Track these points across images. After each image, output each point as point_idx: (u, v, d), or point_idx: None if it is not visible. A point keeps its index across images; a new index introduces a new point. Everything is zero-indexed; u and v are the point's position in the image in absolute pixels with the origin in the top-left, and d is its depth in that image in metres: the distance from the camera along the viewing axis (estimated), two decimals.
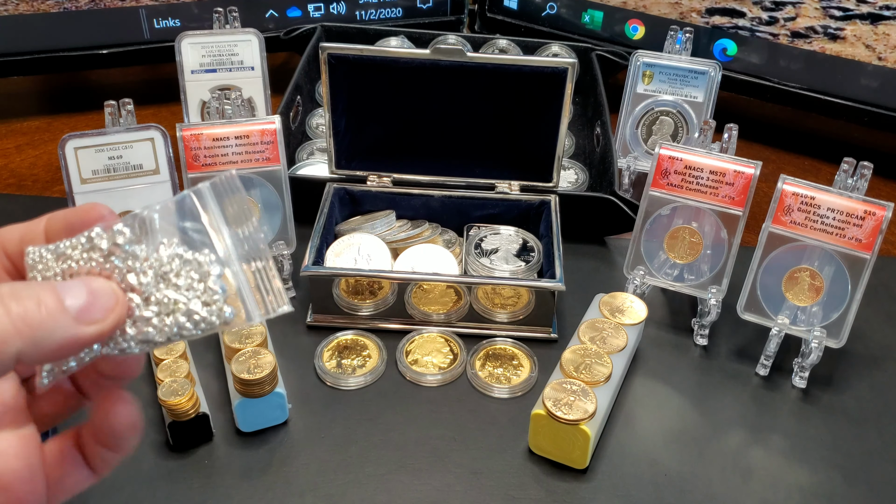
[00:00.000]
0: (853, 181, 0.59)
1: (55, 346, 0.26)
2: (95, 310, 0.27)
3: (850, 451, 0.57)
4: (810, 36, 0.87)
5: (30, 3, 0.89)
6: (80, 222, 0.30)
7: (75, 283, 0.27)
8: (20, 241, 0.30)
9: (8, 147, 0.91)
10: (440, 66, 0.69)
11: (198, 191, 0.29)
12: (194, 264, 0.28)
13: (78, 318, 0.27)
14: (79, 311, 0.27)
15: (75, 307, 0.27)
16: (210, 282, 0.28)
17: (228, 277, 0.28)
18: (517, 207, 0.73)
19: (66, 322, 0.26)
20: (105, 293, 0.28)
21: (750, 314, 0.63)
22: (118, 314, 0.28)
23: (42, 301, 0.26)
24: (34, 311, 0.26)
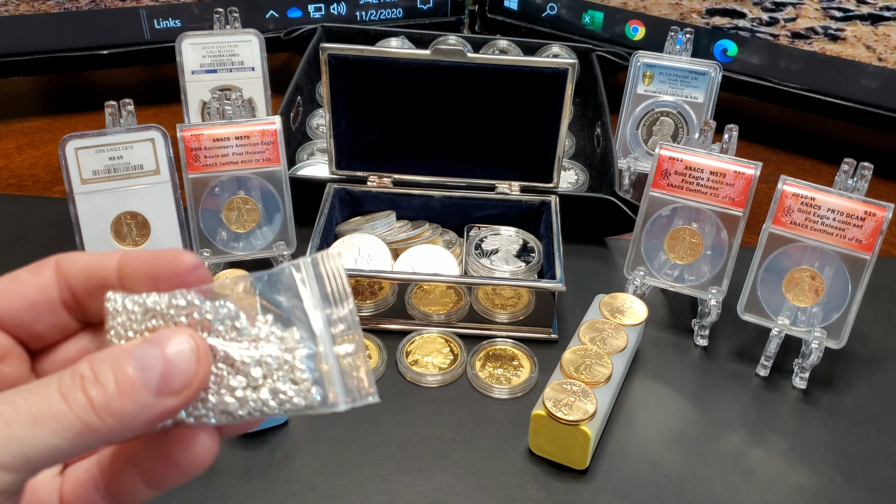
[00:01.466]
0: (853, 182, 0.59)
1: (139, 427, 0.25)
2: (175, 379, 0.25)
3: (851, 451, 0.57)
4: (810, 37, 0.87)
5: (30, 4, 0.89)
6: (167, 273, 0.28)
7: (151, 349, 0.25)
8: (86, 275, 0.28)
9: (8, 147, 0.91)
10: (440, 66, 0.69)
11: (298, 265, 0.27)
12: (288, 341, 0.27)
13: (159, 393, 0.25)
14: (158, 386, 0.25)
15: (154, 381, 0.25)
16: (300, 362, 0.26)
17: (320, 359, 0.27)
18: (517, 208, 0.73)
19: (148, 401, 0.25)
20: (184, 357, 0.25)
21: (750, 315, 0.63)
22: (201, 378, 0.26)
23: (121, 385, 0.24)
24: (116, 398, 0.24)
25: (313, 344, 0.27)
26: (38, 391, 0.24)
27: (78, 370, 0.25)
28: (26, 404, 0.23)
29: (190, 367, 0.25)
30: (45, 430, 0.23)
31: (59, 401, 0.24)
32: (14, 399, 0.24)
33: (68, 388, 0.24)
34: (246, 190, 0.66)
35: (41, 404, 0.24)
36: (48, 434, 0.23)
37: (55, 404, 0.24)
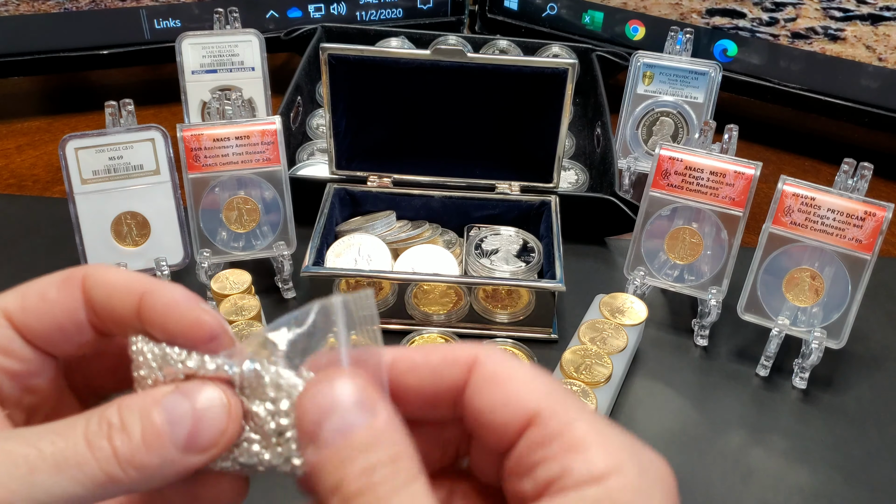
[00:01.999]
0: (853, 182, 0.59)
1: (161, 481, 0.24)
2: (203, 436, 0.24)
3: (851, 451, 0.57)
4: (810, 37, 0.87)
5: (30, 4, 0.89)
6: (184, 339, 0.26)
7: (181, 401, 0.24)
8: (108, 297, 0.27)
9: (8, 147, 0.91)
10: (440, 66, 0.69)
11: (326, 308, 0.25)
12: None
13: (185, 449, 0.24)
14: (185, 444, 0.24)
15: (181, 437, 0.24)
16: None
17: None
18: (517, 208, 0.73)
19: (174, 456, 0.24)
20: (214, 414, 0.24)
21: (750, 315, 0.63)
22: (230, 437, 0.25)
23: (147, 438, 0.23)
24: (141, 451, 0.23)
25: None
26: (65, 435, 0.23)
27: (106, 416, 0.24)
28: (51, 449, 0.23)
29: (220, 424, 0.24)
30: (67, 477, 0.23)
31: (84, 448, 0.23)
32: (39, 442, 0.23)
33: (94, 434, 0.23)
34: (246, 190, 0.66)
35: (66, 451, 0.23)
36: (69, 482, 0.23)
37: (80, 452, 0.23)
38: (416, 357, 0.26)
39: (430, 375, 0.25)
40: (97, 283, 0.27)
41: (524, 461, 0.24)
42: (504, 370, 0.25)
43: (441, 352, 0.26)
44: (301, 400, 0.24)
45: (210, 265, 0.66)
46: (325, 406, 0.23)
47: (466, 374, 0.25)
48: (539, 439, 0.24)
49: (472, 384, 0.25)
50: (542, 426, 0.24)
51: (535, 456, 0.24)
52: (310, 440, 0.23)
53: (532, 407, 0.24)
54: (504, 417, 0.24)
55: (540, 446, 0.24)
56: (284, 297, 0.68)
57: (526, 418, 0.24)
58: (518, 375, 0.25)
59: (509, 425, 0.24)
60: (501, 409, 0.24)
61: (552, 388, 0.25)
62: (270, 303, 0.67)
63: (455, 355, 0.25)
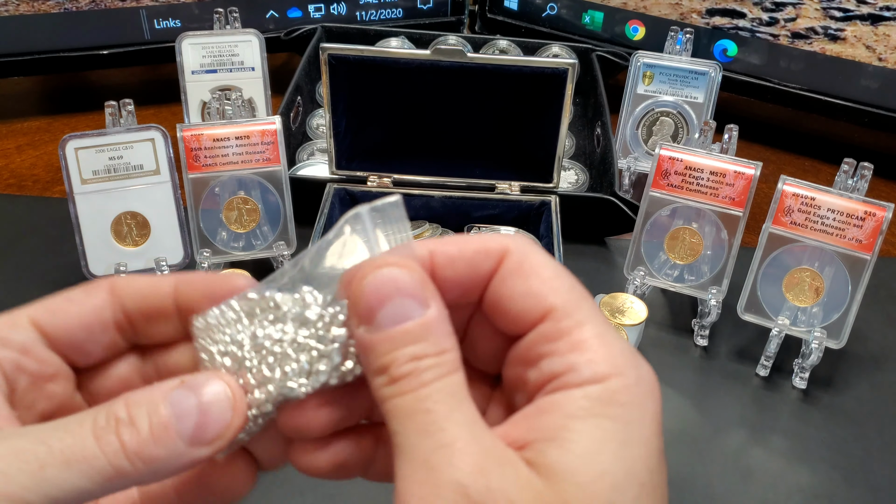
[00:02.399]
0: (853, 182, 0.59)
1: (169, 473, 0.25)
2: (210, 430, 0.25)
3: (851, 451, 0.57)
4: (810, 37, 0.87)
5: (31, 4, 0.89)
6: (225, 294, 0.28)
7: (187, 395, 0.25)
8: (142, 297, 0.28)
9: (8, 147, 0.91)
10: (440, 66, 0.69)
11: (355, 217, 0.26)
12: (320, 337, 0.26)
13: (192, 442, 0.24)
14: (192, 436, 0.24)
15: (188, 430, 0.24)
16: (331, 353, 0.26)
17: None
18: (517, 208, 0.73)
19: (181, 449, 0.24)
20: (220, 407, 0.25)
21: (750, 315, 0.63)
22: (235, 429, 0.25)
23: (155, 431, 0.24)
24: (149, 444, 0.24)
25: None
26: (73, 431, 0.24)
27: (113, 411, 0.24)
28: (60, 445, 0.23)
29: (225, 417, 0.25)
30: (77, 472, 0.23)
31: (92, 443, 0.24)
32: (48, 438, 0.23)
33: (102, 430, 0.24)
34: (246, 190, 0.66)
35: (74, 447, 0.23)
36: (78, 477, 0.23)
37: (88, 447, 0.23)
38: (452, 250, 0.26)
39: (466, 267, 0.26)
40: (127, 285, 0.28)
41: (532, 351, 0.26)
42: (531, 263, 0.26)
43: (474, 243, 0.27)
44: (361, 281, 0.25)
45: (210, 265, 0.66)
46: (385, 291, 0.24)
47: (497, 263, 0.26)
48: (550, 333, 0.25)
49: (500, 273, 0.26)
50: (554, 321, 0.25)
51: (543, 348, 0.25)
52: (364, 321, 0.24)
53: (549, 302, 0.25)
54: (523, 307, 0.26)
55: (549, 340, 0.25)
56: None
57: (542, 311, 0.25)
58: (542, 271, 0.26)
59: (526, 315, 0.26)
60: (521, 299, 0.26)
61: (571, 288, 0.26)
62: None
63: (487, 246, 0.26)
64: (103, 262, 0.64)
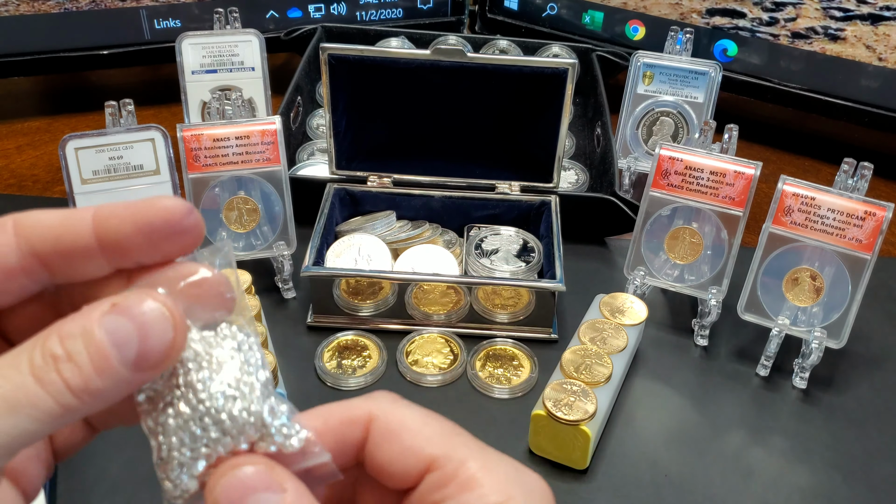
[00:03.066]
0: (853, 182, 0.59)
1: (116, 399, 0.24)
2: (152, 354, 0.24)
3: (851, 451, 0.57)
4: (811, 36, 0.87)
5: (30, 4, 0.89)
6: (161, 223, 0.25)
7: (122, 322, 0.23)
8: (54, 236, 0.25)
9: (8, 147, 0.91)
10: (440, 66, 0.69)
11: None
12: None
13: (136, 368, 0.24)
14: (135, 363, 0.23)
15: (130, 358, 0.23)
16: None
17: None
18: (517, 208, 0.73)
19: (126, 377, 0.23)
20: (159, 325, 0.24)
21: (750, 315, 0.63)
22: (178, 347, 0.24)
23: (97, 364, 0.23)
24: (93, 379, 0.23)
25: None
26: (10, 377, 0.23)
27: (48, 347, 0.23)
28: (1, 392, 0.22)
29: (166, 337, 0.24)
30: (23, 416, 0.22)
31: (34, 385, 0.22)
32: None
33: (41, 370, 0.23)
34: (246, 190, 0.66)
35: (16, 392, 0.22)
36: (26, 420, 0.22)
37: (31, 389, 0.22)
38: (317, 425, 0.27)
39: (334, 440, 0.27)
40: (37, 221, 0.25)
41: (425, 501, 0.26)
42: (397, 422, 0.27)
43: (338, 415, 0.27)
44: (209, 494, 0.25)
45: None
46: (237, 495, 0.24)
47: (365, 431, 0.27)
48: (437, 482, 0.26)
49: (371, 440, 0.27)
50: (438, 470, 0.26)
51: (435, 496, 0.26)
52: None
53: (427, 454, 0.26)
54: (404, 467, 0.26)
55: (438, 488, 0.26)
56: (284, 297, 0.68)
57: (423, 466, 0.26)
58: (411, 425, 0.27)
59: (409, 473, 0.26)
60: (400, 460, 0.26)
61: (443, 432, 0.27)
62: (270, 303, 0.67)
63: (352, 415, 0.27)
64: None
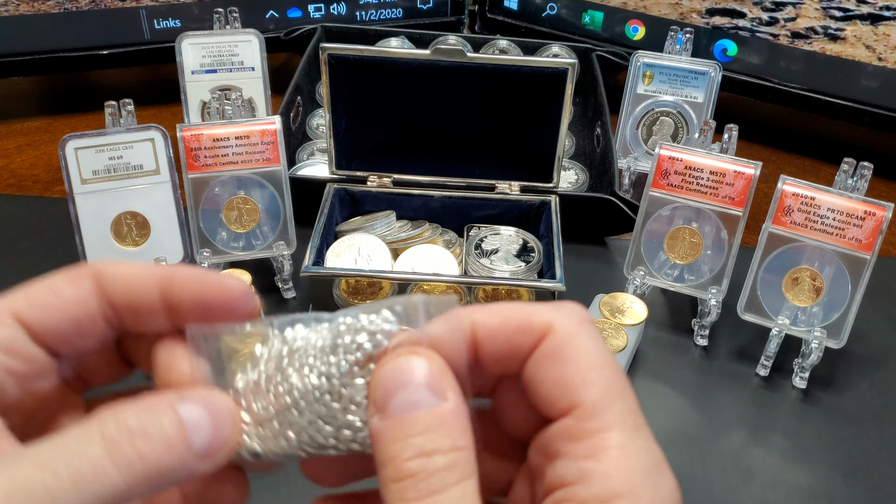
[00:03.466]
0: (853, 182, 0.59)
1: (172, 484, 0.25)
2: (217, 443, 0.25)
3: (851, 451, 0.57)
4: (810, 36, 0.87)
5: (30, 4, 0.89)
6: (216, 299, 0.27)
7: (195, 408, 0.24)
8: (127, 289, 0.27)
9: (8, 147, 0.91)
10: (440, 66, 0.69)
11: (407, 303, 0.25)
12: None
13: (202, 455, 0.24)
14: (205, 448, 0.24)
15: (201, 445, 0.24)
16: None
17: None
18: (517, 208, 0.73)
19: (188, 461, 0.24)
20: (227, 420, 0.25)
21: (750, 314, 0.63)
22: (233, 444, 0.25)
23: (171, 443, 0.23)
24: (164, 458, 0.23)
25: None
26: (80, 451, 0.22)
27: (123, 419, 0.23)
28: (67, 470, 0.22)
29: (230, 431, 0.25)
30: (86, 494, 0.22)
31: (102, 456, 0.22)
32: (53, 462, 0.22)
33: (114, 441, 0.23)
34: (246, 190, 0.66)
35: (82, 467, 0.22)
36: (89, 498, 0.22)
37: (98, 463, 0.22)
38: (494, 323, 0.26)
39: (506, 343, 0.26)
40: (113, 274, 0.27)
41: (552, 445, 0.25)
42: (571, 347, 0.25)
43: (518, 317, 0.26)
44: (377, 369, 0.25)
45: (210, 265, 0.66)
46: (397, 378, 0.24)
47: (538, 340, 0.25)
48: (572, 431, 0.24)
49: (539, 351, 0.25)
50: (579, 419, 0.24)
51: (563, 446, 0.24)
52: (378, 409, 0.24)
53: (579, 396, 0.24)
54: (552, 395, 0.25)
55: (570, 438, 0.24)
56: (284, 297, 0.68)
57: (569, 404, 0.24)
58: (581, 358, 0.25)
59: (554, 404, 0.25)
60: (552, 386, 0.25)
61: (608, 384, 0.25)
62: (270, 302, 0.67)
63: (531, 322, 0.25)
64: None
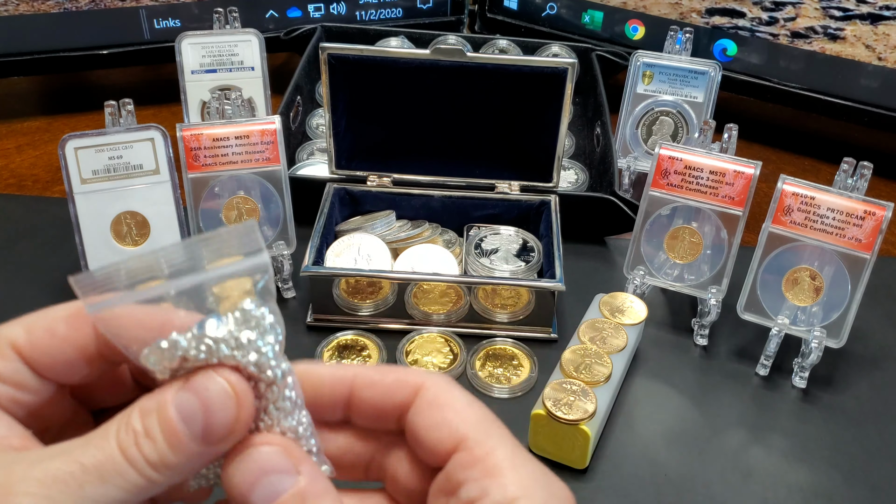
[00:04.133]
0: (853, 181, 0.59)
1: (195, 471, 0.26)
2: (217, 428, 0.25)
3: (851, 450, 0.57)
4: (810, 36, 0.87)
5: (30, 4, 0.89)
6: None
7: (189, 398, 0.25)
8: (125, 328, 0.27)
9: (8, 147, 0.91)
10: (440, 66, 0.69)
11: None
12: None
13: (204, 442, 0.25)
14: (203, 437, 0.25)
15: (197, 432, 0.25)
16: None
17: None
18: (517, 207, 0.73)
19: (196, 450, 0.25)
20: (222, 402, 0.25)
21: (750, 314, 0.63)
22: (244, 422, 0.26)
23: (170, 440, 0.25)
24: (167, 453, 0.25)
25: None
26: (101, 447, 0.25)
27: (131, 424, 0.25)
28: (92, 462, 0.24)
29: (229, 413, 0.25)
30: (112, 486, 0.24)
31: (120, 458, 0.24)
32: (80, 457, 0.24)
33: (124, 443, 0.25)
34: (245, 190, 0.66)
35: (106, 462, 0.24)
36: (115, 490, 0.24)
37: (118, 461, 0.24)
38: (373, 376, 0.29)
39: (383, 393, 0.28)
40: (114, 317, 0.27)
41: (451, 481, 0.27)
42: (443, 396, 0.28)
43: (394, 374, 0.29)
44: (225, 470, 0.26)
45: None
46: (250, 476, 0.26)
47: (413, 395, 0.28)
48: (465, 462, 0.27)
49: (416, 405, 0.28)
50: (468, 451, 0.27)
51: (460, 476, 0.27)
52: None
53: (462, 432, 0.27)
54: (438, 438, 0.27)
55: (465, 468, 0.27)
56: (284, 297, 0.68)
57: (455, 441, 0.27)
58: (454, 403, 0.28)
59: (441, 445, 0.27)
60: (436, 430, 0.27)
61: (482, 418, 0.28)
62: None
63: (406, 378, 0.29)
64: (103, 261, 0.63)
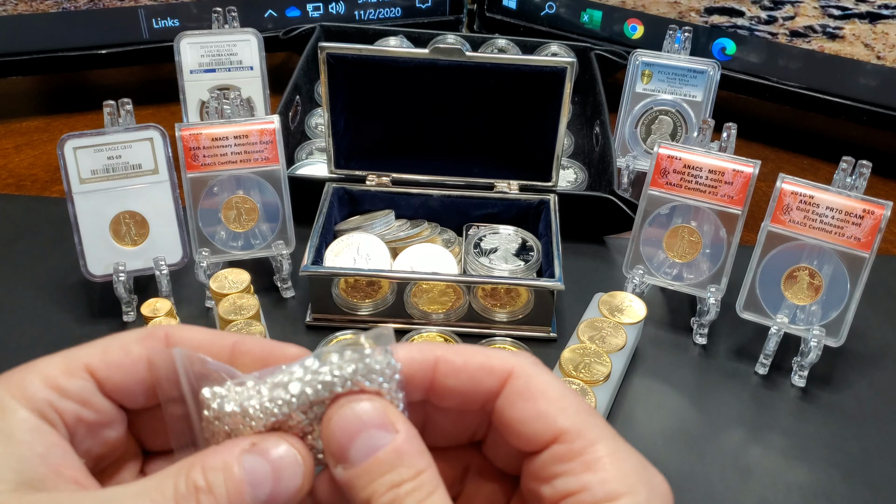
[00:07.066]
0: (852, 180, 0.59)
1: None
2: (282, 495, 0.25)
3: (850, 449, 0.57)
4: (809, 35, 0.87)
5: (29, 3, 0.89)
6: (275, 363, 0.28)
7: (260, 462, 0.25)
8: (198, 348, 0.28)
9: (7, 147, 0.91)
10: (439, 65, 0.69)
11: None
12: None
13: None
14: (267, 501, 0.25)
15: (263, 497, 0.25)
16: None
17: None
18: (516, 207, 0.73)
19: None
20: (291, 470, 0.25)
21: (749, 313, 0.63)
22: (304, 492, 0.26)
23: (233, 499, 0.24)
24: None
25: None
26: (156, 500, 0.24)
27: (192, 478, 0.25)
28: None
29: (296, 481, 0.25)
30: None
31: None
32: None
33: (184, 498, 0.24)
34: (245, 189, 0.66)
35: None
36: None
37: None
38: (457, 361, 0.28)
39: (468, 380, 0.28)
40: (183, 340, 0.28)
41: (546, 470, 0.26)
42: (537, 384, 0.27)
43: (480, 359, 0.28)
44: (326, 424, 0.26)
45: (209, 264, 0.66)
46: (351, 428, 0.25)
47: (501, 384, 0.27)
48: (563, 455, 0.26)
49: (506, 395, 0.27)
50: (566, 443, 0.26)
51: (557, 468, 0.26)
52: (339, 460, 0.25)
53: (560, 425, 0.26)
54: (534, 430, 0.27)
55: (562, 461, 0.26)
56: (283, 297, 0.68)
57: (553, 434, 0.26)
58: (549, 393, 0.27)
59: (538, 437, 0.27)
60: (531, 423, 0.27)
61: (579, 408, 0.27)
62: (269, 302, 0.67)
63: (492, 364, 0.28)
64: (102, 261, 0.63)
